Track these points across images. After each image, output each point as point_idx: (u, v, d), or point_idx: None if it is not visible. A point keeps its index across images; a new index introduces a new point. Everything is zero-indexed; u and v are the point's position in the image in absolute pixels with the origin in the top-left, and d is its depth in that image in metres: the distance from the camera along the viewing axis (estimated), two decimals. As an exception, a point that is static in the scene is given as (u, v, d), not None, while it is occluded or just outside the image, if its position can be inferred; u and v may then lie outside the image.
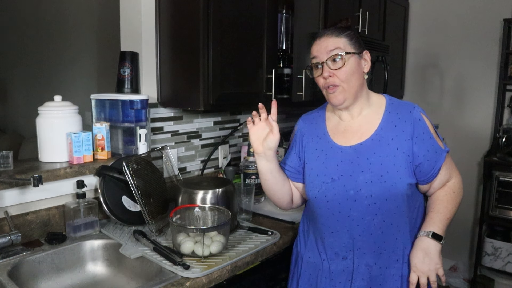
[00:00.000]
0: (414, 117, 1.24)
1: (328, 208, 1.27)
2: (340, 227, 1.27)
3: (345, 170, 1.25)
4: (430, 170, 1.24)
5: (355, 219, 1.24)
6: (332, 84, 1.23)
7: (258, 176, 1.87)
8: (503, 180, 2.56)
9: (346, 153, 1.27)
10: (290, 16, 1.95)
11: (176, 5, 1.68)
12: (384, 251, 1.26)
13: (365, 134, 1.27)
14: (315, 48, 1.26)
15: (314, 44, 1.27)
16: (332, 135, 1.32)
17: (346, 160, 1.26)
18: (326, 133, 1.34)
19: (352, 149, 1.26)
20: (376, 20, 2.62)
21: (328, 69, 1.22)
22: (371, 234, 1.24)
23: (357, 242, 1.26)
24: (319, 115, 1.40)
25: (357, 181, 1.23)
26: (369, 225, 1.24)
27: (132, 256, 1.32)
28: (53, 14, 3.53)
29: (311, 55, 1.28)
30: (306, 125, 1.40)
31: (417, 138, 1.22)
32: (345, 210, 1.25)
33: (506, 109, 2.87)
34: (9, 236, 1.28)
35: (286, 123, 2.56)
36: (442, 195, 1.31)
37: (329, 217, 1.28)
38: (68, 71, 3.43)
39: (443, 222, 1.26)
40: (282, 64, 1.96)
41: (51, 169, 1.46)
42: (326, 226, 1.29)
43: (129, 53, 1.73)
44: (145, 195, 1.48)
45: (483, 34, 2.90)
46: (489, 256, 2.65)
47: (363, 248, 1.26)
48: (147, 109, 1.69)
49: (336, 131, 1.32)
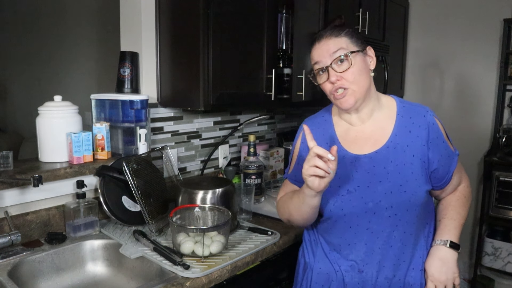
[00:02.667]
0: (428, 122, 1.18)
1: (345, 221, 1.19)
2: (358, 240, 1.19)
3: (362, 181, 1.17)
4: (444, 176, 1.20)
5: (374, 232, 1.17)
6: (340, 87, 1.14)
7: (258, 176, 1.87)
8: (503, 180, 2.56)
9: (361, 162, 1.18)
10: (290, 16, 1.95)
11: (176, 5, 1.68)
12: (403, 262, 1.20)
13: (379, 141, 1.19)
14: (316, 53, 1.17)
15: (314, 48, 1.18)
16: (343, 142, 1.22)
17: (362, 170, 1.17)
18: (337, 140, 1.23)
19: (367, 158, 1.18)
20: (376, 20, 2.62)
21: (334, 72, 1.13)
22: (391, 246, 1.18)
23: (376, 255, 1.19)
24: (325, 119, 1.28)
25: (375, 192, 1.15)
26: (389, 237, 1.17)
27: (132, 256, 1.32)
28: (53, 14, 3.53)
29: (312, 61, 1.19)
30: (312, 131, 1.22)
31: (431, 143, 1.16)
32: (363, 223, 1.17)
33: (506, 109, 2.87)
34: (9, 236, 1.28)
35: (286, 123, 2.56)
36: (454, 200, 1.27)
37: (345, 230, 1.20)
38: (68, 71, 3.43)
39: (457, 229, 1.23)
40: (282, 64, 1.96)
41: (51, 169, 1.46)
42: (342, 239, 1.21)
43: (129, 53, 1.73)
44: (145, 195, 1.48)
45: (483, 34, 2.90)
46: (489, 256, 2.65)
47: (383, 261, 1.19)
48: (147, 109, 1.69)
49: (346, 137, 1.23)
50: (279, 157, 2.16)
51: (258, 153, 2.01)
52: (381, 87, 2.42)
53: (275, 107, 2.40)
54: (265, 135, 2.42)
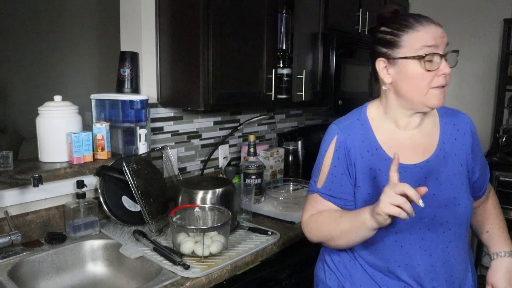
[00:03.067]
0: (471, 129, 1.11)
1: (396, 240, 1.06)
2: (410, 259, 1.07)
3: None
4: (483, 185, 1.16)
5: (427, 249, 1.07)
6: (446, 84, 1.02)
7: (258, 176, 1.87)
8: (503, 180, 2.56)
9: (411, 173, 1.06)
10: (290, 16, 1.95)
11: (176, 5, 1.68)
12: (456, 279, 1.11)
13: (428, 150, 1.08)
14: (431, 35, 0.99)
15: (426, 27, 1.00)
16: (387, 150, 1.08)
17: (412, 181, 1.02)
18: (380, 148, 1.09)
19: (418, 168, 1.06)
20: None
21: (447, 65, 1.00)
22: (444, 263, 1.08)
23: (429, 273, 1.08)
24: (361, 123, 1.12)
25: (430, 206, 1.02)
26: (443, 254, 1.08)
27: (132, 256, 1.32)
28: (53, 14, 3.53)
29: (424, 43, 0.99)
30: (349, 137, 1.10)
31: (473, 151, 1.10)
32: (416, 241, 1.06)
33: (506, 109, 2.87)
34: (9, 236, 1.28)
35: (286, 123, 2.56)
36: (491, 208, 1.22)
37: (395, 250, 1.07)
38: (68, 71, 3.43)
39: (510, 237, 1.19)
40: (282, 64, 1.96)
41: (51, 169, 1.46)
42: (391, 260, 1.08)
43: (129, 53, 1.73)
44: (145, 195, 1.48)
45: (483, 34, 2.90)
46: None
47: (436, 280, 1.08)
48: (147, 109, 1.69)
49: (391, 144, 1.09)
50: (279, 157, 2.16)
51: (258, 153, 2.01)
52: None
53: (275, 107, 2.40)
54: (265, 135, 2.42)
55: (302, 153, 2.32)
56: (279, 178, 2.16)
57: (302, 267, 1.65)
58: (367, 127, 1.11)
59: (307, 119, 2.73)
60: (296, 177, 2.19)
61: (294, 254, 1.61)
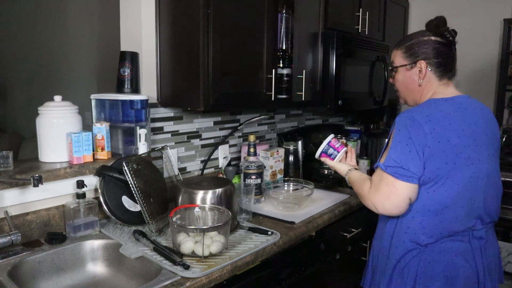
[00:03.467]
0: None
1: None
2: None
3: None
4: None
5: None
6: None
7: (258, 176, 1.87)
8: (503, 180, 2.53)
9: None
10: (290, 16, 1.95)
11: (176, 5, 1.68)
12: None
13: None
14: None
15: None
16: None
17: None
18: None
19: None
20: (376, 20, 2.62)
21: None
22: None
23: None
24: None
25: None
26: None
27: (132, 256, 1.32)
28: (53, 14, 3.53)
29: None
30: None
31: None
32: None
33: (506, 109, 2.86)
34: (9, 236, 1.28)
35: (286, 123, 2.56)
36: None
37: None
38: (68, 71, 3.43)
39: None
40: (282, 64, 1.96)
41: (51, 169, 1.46)
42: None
43: (129, 53, 1.73)
44: (145, 195, 1.48)
45: (483, 34, 2.90)
46: (489, 256, 2.64)
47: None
48: (147, 109, 1.69)
49: None
50: (279, 157, 2.16)
51: (258, 153, 2.01)
52: (381, 87, 2.42)
53: (275, 107, 2.40)
54: (265, 135, 2.42)
55: (302, 153, 2.32)
56: (279, 178, 2.16)
57: (302, 267, 1.65)
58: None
59: (307, 119, 2.73)
60: (296, 177, 2.19)
61: (294, 254, 1.61)
